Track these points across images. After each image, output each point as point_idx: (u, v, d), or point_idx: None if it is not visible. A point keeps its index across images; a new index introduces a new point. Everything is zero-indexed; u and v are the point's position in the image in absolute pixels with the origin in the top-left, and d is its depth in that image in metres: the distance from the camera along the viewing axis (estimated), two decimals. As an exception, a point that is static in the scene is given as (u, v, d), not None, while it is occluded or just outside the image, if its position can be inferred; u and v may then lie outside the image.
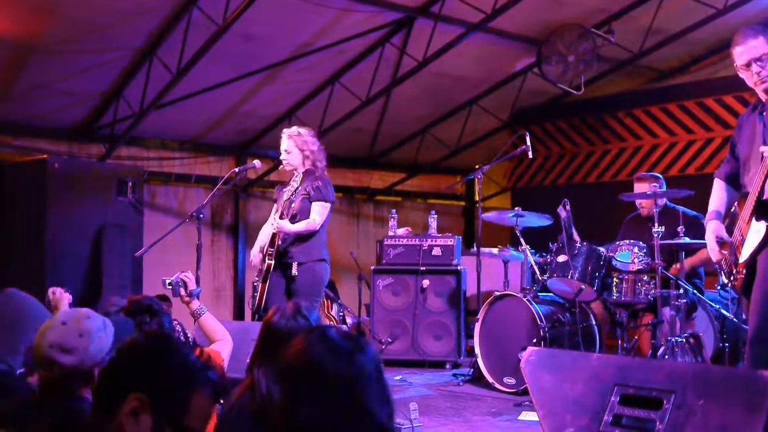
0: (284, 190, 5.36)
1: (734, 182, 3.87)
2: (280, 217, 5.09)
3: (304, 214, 5.21)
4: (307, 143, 5.33)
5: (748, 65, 3.54)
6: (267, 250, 5.21)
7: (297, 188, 5.20)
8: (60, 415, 2.16)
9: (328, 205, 5.29)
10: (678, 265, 5.50)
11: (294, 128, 5.44)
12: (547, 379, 3.16)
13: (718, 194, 3.93)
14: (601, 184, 8.99)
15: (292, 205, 5.15)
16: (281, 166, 5.52)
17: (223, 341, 3.74)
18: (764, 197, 3.45)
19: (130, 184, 6.63)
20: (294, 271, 5.17)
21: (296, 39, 7.27)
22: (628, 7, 7.77)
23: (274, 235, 5.18)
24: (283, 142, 5.37)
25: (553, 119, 9.61)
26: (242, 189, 9.13)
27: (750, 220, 3.53)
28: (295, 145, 5.31)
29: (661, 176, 6.05)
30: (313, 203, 5.23)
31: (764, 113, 3.59)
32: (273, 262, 5.16)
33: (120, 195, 6.60)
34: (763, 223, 3.44)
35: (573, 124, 9.43)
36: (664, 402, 2.80)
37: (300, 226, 5.16)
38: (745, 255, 3.53)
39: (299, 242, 5.23)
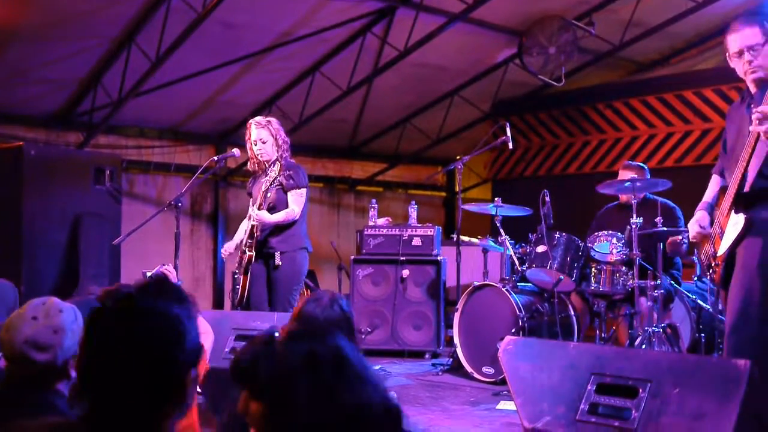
0: (262, 181, 5.21)
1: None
2: (258, 209, 5.05)
3: (281, 205, 5.18)
4: (279, 131, 5.25)
5: (740, 53, 3.53)
6: (246, 241, 5.16)
7: (275, 178, 5.11)
8: (34, 409, 2.12)
9: (304, 190, 5.24)
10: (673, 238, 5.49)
11: (261, 117, 5.31)
12: (524, 368, 3.18)
13: (712, 187, 3.96)
14: (581, 175, 9.03)
15: (268, 195, 5.09)
16: (251, 161, 5.34)
17: (204, 334, 3.71)
18: (744, 190, 3.46)
19: (107, 172, 6.58)
20: (278, 260, 5.14)
21: (277, 27, 7.23)
22: (608, 0, 7.80)
23: (252, 227, 5.14)
24: (254, 132, 5.20)
25: (533, 110, 9.63)
26: (222, 178, 9.09)
27: (729, 212, 3.55)
28: (270, 134, 5.21)
29: (645, 166, 6.08)
30: (289, 193, 5.19)
31: (752, 106, 3.58)
32: (254, 253, 5.14)
33: (97, 183, 6.55)
34: (741, 216, 3.46)
35: (553, 116, 9.46)
36: (640, 391, 2.83)
37: (279, 216, 5.13)
38: (723, 247, 3.55)
39: (279, 232, 5.20)
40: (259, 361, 1.59)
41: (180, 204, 5.11)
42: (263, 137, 5.20)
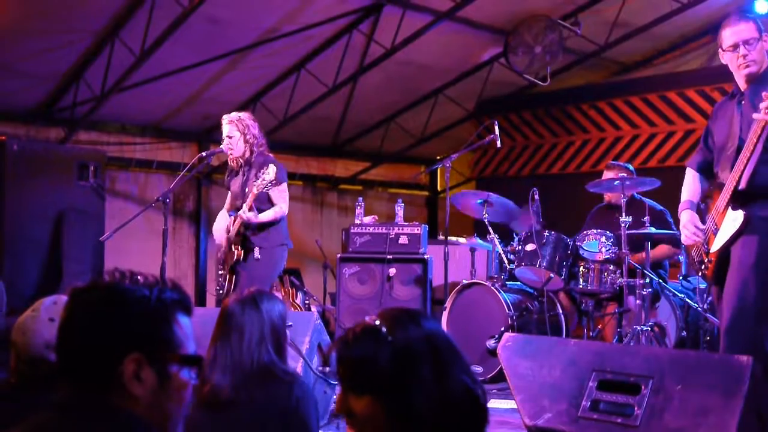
0: (236, 178, 5.29)
1: (707, 172, 3.87)
2: (249, 209, 5.03)
3: (262, 203, 5.17)
4: (249, 127, 5.27)
5: (735, 47, 3.56)
6: (233, 239, 5.17)
7: (248, 177, 5.14)
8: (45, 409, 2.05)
9: (284, 185, 5.26)
10: (642, 254, 5.54)
11: (233, 113, 5.37)
12: (524, 364, 3.16)
13: (691, 184, 3.92)
14: (565, 175, 9.05)
15: (245, 191, 5.10)
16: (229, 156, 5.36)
17: None
18: (741, 187, 3.47)
19: (91, 167, 6.49)
20: (257, 255, 5.15)
21: (263, 24, 7.16)
22: (594, 0, 7.82)
23: (232, 222, 5.15)
24: (224, 128, 5.29)
25: (518, 110, 9.63)
26: (205, 176, 9.00)
27: (725, 209, 3.54)
28: (237, 130, 5.24)
29: (631, 166, 6.09)
30: (270, 190, 5.18)
31: (743, 102, 3.60)
32: (242, 251, 5.12)
33: (81, 179, 6.46)
34: (740, 212, 3.46)
35: (538, 115, 9.47)
36: (642, 387, 2.82)
37: (269, 215, 5.14)
38: (718, 244, 3.55)
39: (261, 228, 5.21)
40: (377, 352, 1.51)
41: (168, 201, 5.06)
42: (231, 133, 5.25)
